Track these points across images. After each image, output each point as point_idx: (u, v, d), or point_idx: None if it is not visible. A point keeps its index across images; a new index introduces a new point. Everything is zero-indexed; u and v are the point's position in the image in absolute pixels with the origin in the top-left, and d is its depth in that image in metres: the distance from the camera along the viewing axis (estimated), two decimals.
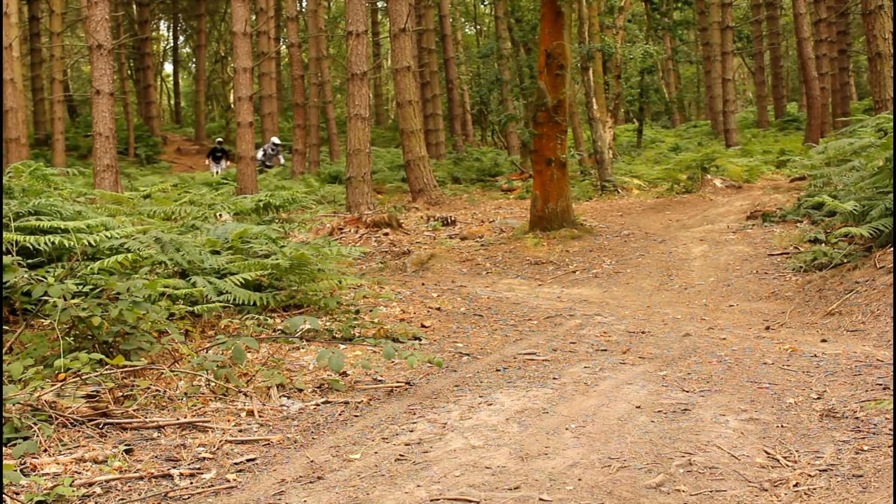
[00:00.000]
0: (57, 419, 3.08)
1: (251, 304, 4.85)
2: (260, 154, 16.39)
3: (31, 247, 4.32)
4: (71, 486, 2.59)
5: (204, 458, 2.90)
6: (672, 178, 13.63)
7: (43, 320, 3.97)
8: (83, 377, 3.33)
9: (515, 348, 4.61)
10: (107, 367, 3.42)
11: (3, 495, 2.44)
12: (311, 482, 2.68)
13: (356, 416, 3.41)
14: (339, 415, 3.43)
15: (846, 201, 6.54)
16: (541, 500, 2.44)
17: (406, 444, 3.00)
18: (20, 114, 14.54)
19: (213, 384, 3.60)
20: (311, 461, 2.87)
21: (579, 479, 2.57)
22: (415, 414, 3.39)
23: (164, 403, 3.41)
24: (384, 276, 7.04)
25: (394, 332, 4.80)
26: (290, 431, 3.21)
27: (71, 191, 5.78)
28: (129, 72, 31.93)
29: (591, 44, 14.30)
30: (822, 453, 2.72)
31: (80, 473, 2.72)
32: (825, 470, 2.58)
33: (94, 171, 10.71)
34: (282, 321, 4.96)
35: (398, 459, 2.84)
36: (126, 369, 3.47)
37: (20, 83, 15.24)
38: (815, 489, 2.43)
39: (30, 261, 4.41)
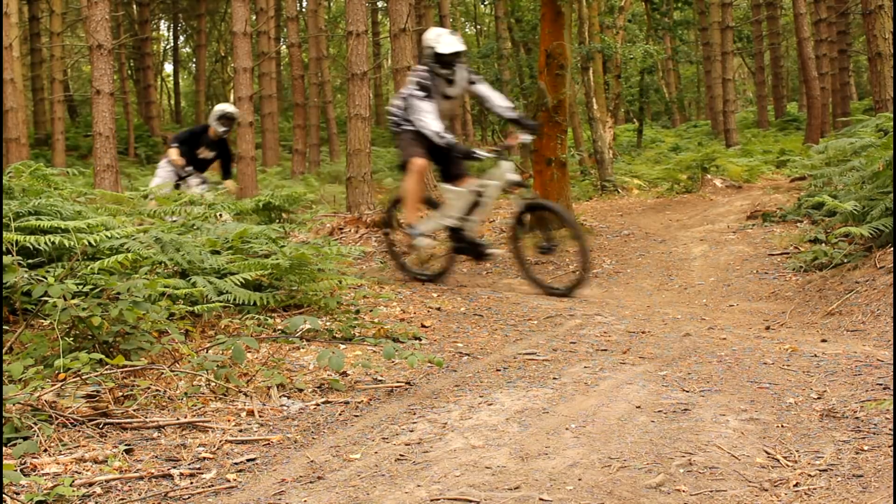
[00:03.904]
0: (57, 419, 3.08)
1: (251, 303, 4.85)
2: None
3: (31, 247, 4.32)
4: (71, 485, 2.59)
5: (204, 458, 2.90)
6: (672, 178, 13.64)
7: (43, 320, 3.97)
8: (83, 377, 3.33)
9: (515, 348, 4.61)
10: (107, 367, 3.42)
11: (3, 495, 2.44)
12: (311, 482, 2.68)
13: (356, 416, 3.41)
14: (339, 415, 3.43)
15: (846, 201, 6.54)
16: (541, 499, 2.44)
17: (406, 444, 3.00)
18: (20, 114, 14.55)
19: (213, 384, 3.60)
20: (312, 461, 2.87)
21: (579, 479, 2.57)
22: (415, 414, 3.39)
23: (164, 403, 3.41)
24: (384, 276, 7.03)
25: (394, 332, 4.80)
26: (290, 431, 3.21)
27: (71, 191, 5.78)
28: (129, 72, 31.93)
29: (591, 44, 14.31)
30: (822, 453, 2.72)
31: (80, 473, 2.72)
32: (825, 470, 2.58)
33: (94, 171, 10.71)
34: (282, 321, 4.96)
35: (398, 459, 2.84)
36: (126, 369, 3.47)
37: (20, 83, 15.24)
38: (815, 489, 2.43)
39: (30, 261, 4.41)
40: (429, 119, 6.09)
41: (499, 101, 6.44)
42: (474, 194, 6.34)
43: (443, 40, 6.25)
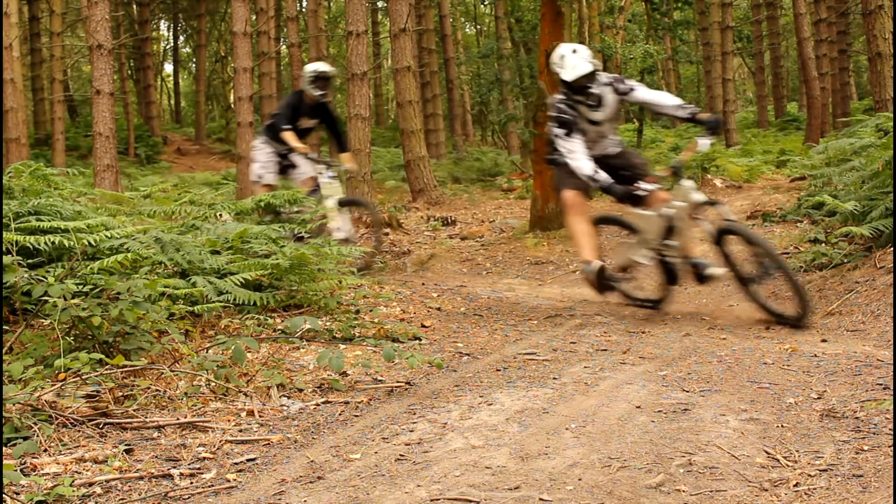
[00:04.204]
0: (57, 419, 3.08)
1: (251, 303, 4.85)
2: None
3: (31, 247, 4.32)
4: (71, 485, 2.59)
5: (204, 458, 2.90)
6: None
7: (43, 320, 3.97)
8: (83, 377, 3.33)
9: (515, 348, 4.61)
10: (107, 367, 3.42)
11: (3, 495, 2.44)
12: (311, 482, 2.68)
13: (356, 416, 3.41)
14: (339, 415, 3.43)
15: (846, 201, 6.54)
16: (541, 499, 2.44)
17: (406, 444, 3.00)
18: (20, 114, 14.54)
19: (213, 384, 3.61)
20: (312, 461, 2.87)
21: (579, 479, 2.57)
22: (415, 414, 3.39)
23: (164, 403, 3.41)
24: (384, 276, 7.04)
25: (394, 332, 4.80)
26: (290, 431, 3.21)
27: (71, 191, 5.78)
28: (129, 72, 31.92)
29: (591, 44, 14.32)
30: (822, 453, 2.72)
31: (80, 473, 2.72)
32: (825, 470, 2.57)
33: (94, 171, 10.71)
34: (282, 321, 4.97)
35: (398, 459, 2.84)
36: (126, 369, 3.47)
37: (20, 83, 15.23)
38: (815, 489, 2.43)
39: (30, 261, 4.41)
40: (578, 160, 5.20)
41: (667, 101, 5.35)
42: (666, 217, 5.35)
43: (567, 63, 5.17)
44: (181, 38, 36.90)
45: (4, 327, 3.89)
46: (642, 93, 5.41)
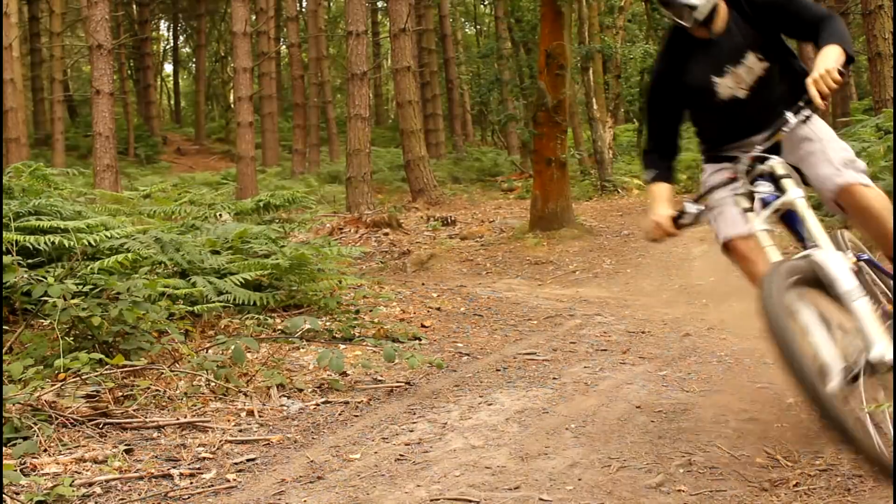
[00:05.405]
0: (57, 419, 3.07)
1: (251, 303, 4.85)
2: None
3: (31, 247, 4.32)
4: (71, 485, 2.59)
5: (204, 458, 2.90)
6: None
7: (43, 320, 3.97)
8: (83, 377, 3.33)
9: (515, 348, 4.61)
10: (107, 367, 3.42)
11: (3, 495, 2.44)
12: (311, 482, 2.68)
13: (356, 416, 3.41)
14: (339, 415, 3.43)
15: None
16: (541, 499, 2.44)
17: (406, 444, 3.00)
18: (20, 114, 14.55)
19: (213, 384, 3.60)
20: (311, 461, 2.87)
21: (579, 479, 2.57)
22: (415, 414, 3.39)
23: (164, 403, 3.41)
24: (384, 276, 7.04)
25: (394, 332, 4.80)
26: (290, 431, 3.21)
27: (71, 191, 5.78)
28: (129, 72, 31.91)
29: (591, 44, 14.33)
30: (822, 453, 2.72)
31: (80, 473, 2.72)
32: (825, 470, 2.57)
33: (94, 171, 10.72)
34: (282, 321, 4.96)
35: (398, 459, 2.84)
36: (126, 369, 3.47)
37: (20, 83, 15.25)
38: (815, 489, 2.43)
39: (30, 261, 4.41)
40: None
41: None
42: None
43: None
44: (181, 38, 36.91)
45: (4, 327, 3.89)
46: None
